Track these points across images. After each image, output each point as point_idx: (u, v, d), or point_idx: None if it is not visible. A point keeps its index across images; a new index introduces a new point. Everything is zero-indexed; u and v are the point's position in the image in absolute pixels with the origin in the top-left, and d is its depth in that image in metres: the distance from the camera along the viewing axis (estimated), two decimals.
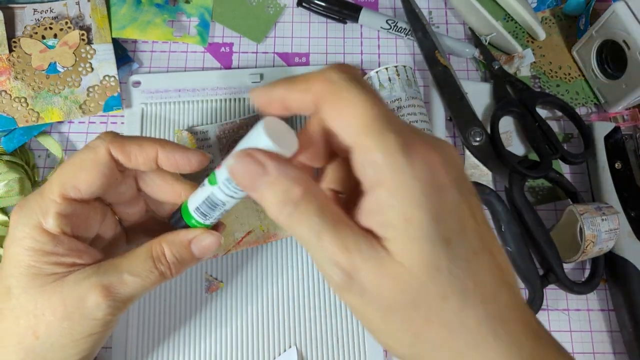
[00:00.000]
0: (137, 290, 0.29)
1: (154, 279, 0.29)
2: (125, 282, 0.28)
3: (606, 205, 0.40)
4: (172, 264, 0.29)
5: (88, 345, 0.29)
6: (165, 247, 0.29)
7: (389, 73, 0.42)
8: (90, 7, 0.46)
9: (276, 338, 0.39)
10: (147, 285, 0.29)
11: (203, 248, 0.30)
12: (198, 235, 0.30)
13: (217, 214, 0.28)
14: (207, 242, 0.30)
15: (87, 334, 0.28)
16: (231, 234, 0.40)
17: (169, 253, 0.29)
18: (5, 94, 0.43)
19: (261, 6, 0.50)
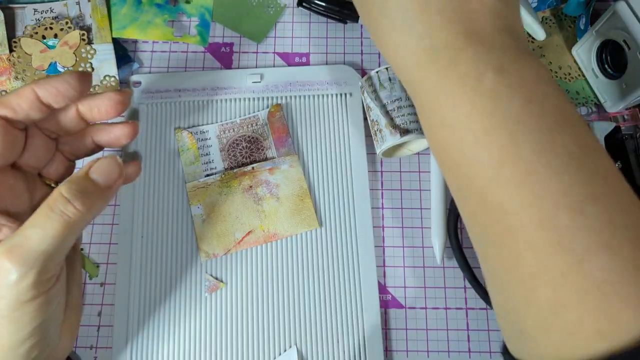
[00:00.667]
0: (46, 241, 0.27)
1: (56, 223, 0.27)
2: (27, 236, 0.26)
3: None
4: (72, 199, 0.27)
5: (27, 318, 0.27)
6: (61, 187, 0.28)
7: (389, 73, 0.42)
8: (90, 7, 0.46)
9: (276, 338, 0.39)
10: (53, 231, 0.27)
11: (102, 172, 0.29)
12: (95, 162, 0.29)
13: None
14: (104, 164, 0.29)
15: (17, 305, 0.26)
16: (231, 233, 0.40)
17: (65, 189, 0.28)
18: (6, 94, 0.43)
19: (261, 6, 0.50)
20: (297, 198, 0.41)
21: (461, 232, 0.43)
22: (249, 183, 0.40)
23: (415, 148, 0.44)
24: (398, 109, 0.41)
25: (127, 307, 0.40)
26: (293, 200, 0.41)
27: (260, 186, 0.41)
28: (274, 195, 0.41)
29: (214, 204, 0.40)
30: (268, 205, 0.40)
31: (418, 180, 0.45)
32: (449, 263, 0.43)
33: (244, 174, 0.41)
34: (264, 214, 0.40)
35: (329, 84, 0.46)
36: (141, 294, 0.40)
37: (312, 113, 0.45)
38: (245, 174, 0.41)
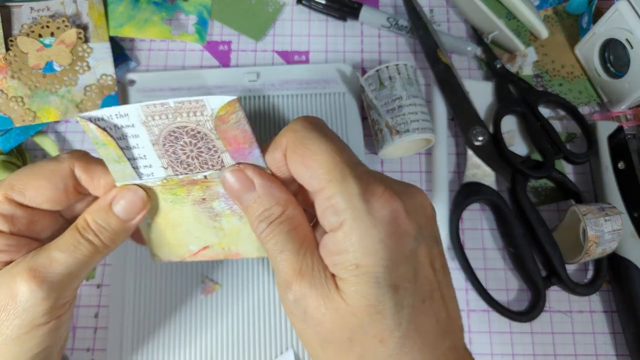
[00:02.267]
0: (70, 267, 0.27)
1: (84, 251, 0.27)
2: (54, 259, 0.26)
3: (609, 206, 0.39)
4: (98, 232, 0.27)
5: (37, 341, 0.27)
6: (87, 216, 0.28)
7: (389, 71, 0.41)
8: (87, 6, 0.46)
9: (273, 340, 0.39)
10: (80, 259, 0.27)
11: (125, 207, 0.28)
12: (116, 195, 0.28)
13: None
14: (126, 199, 0.28)
15: (29, 327, 0.26)
16: (185, 245, 0.33)
17: (91, 220, 0.28)
18: (2, 93, 0.43)
19: (260, 4, 0.49)
20: None
21: (463, 233, 0.43)
22: (200, 194, 0.29)
23: (416, 148, 0.44)
24: (399, 108, 0.41)
25: (122, 309, 0.39)
26: None
27: (217, 200, 0.30)
28: (236, 212, 0.30)
29: (158, 211, 0.31)
30: (228, 223, 0.30)
31: (419, 181, 0.44)
32: (451, 264, 0.42)
33: (194, 182, 0.29)
34: (222, 231, 0.31)
35: (326, 82, 0.45)
36: (136, 296, 0.40)
37: (309, 112, 0.45)
38: (194, 182, 0.29)
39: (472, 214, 0.43)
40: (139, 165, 0.29)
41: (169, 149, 0.28)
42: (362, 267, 0.22)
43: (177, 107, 0.27)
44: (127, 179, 0.29)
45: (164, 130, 0.28)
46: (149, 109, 0.27)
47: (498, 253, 0.42)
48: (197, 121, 0.27)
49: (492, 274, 0.42)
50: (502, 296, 0.41)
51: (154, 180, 0.29)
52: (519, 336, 0.40)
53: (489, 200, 0.42)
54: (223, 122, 0.27)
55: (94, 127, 0.27)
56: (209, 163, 0.28)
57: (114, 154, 0.28)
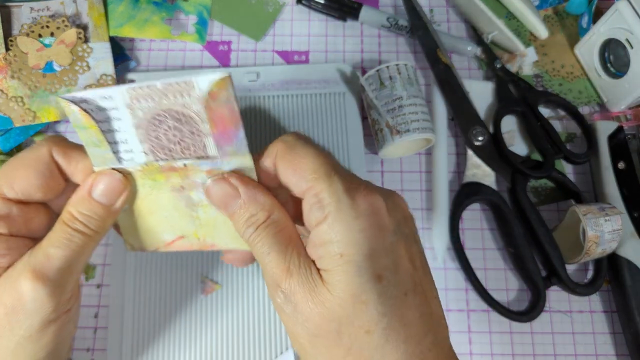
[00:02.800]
0: (67, 260, 0.27)
1: (77, 242, 0.27)
2: (51, 256, 0.26)
3: (609, 206, 0.39)
4: (86, 222, 0.27)
5: (48, 338, 0.27)
6: (71, 208, 0.28)
7: (389, 71, 0.41)
8: (87, 5, 0.46)
9: (273, 341, 0.39)
10: (75, 251, 0.27)
11: (104, 192, 0.28)
12: (93, 181, 0.28)
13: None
14: (104, 183, 0.28)
15: (41, 326, 0.27)
16: (159, 233, 0.32)
17: (75, 211, 0.28)
18: (2, 93, 0.43)
19: (260, 4, 0.49)
20: None
21: (463, 233, 0.43)
22: (179, 182, 0.29)
23: (416, 148, 0.44)
24: (399, 108, 0.41)
25: (122, 309, 0.39)
26: None
27: (195, 190, 0.29)
28: None
29: (135, 197, 0.30)
30: (205, 213, 0.30)
31: (419, 181, 0.44)
32: (451, 264, 0.42)
33: (173, 169, 0.28)
34: (199, 221, 0.30)
35: (326, 82, 0.45)
36: (136, 296, 0.40)
37: (309, 112, 0.45)
38: (174, 169, 0.28)
39: (472, 214, 0.43)
40: (120, 149, 0.28)
41: (152, 133, 0.28)
42: (345, 256, 0.24)
43: (164, 89, 0.26)
44: (107, 164, 0.28)
45: (148, 113, 0.27)
46: (135, 92, 0.26)
47: (498, 253, 0.42)
48: (183, 103, 0.26)
49: (492, 274, 0.42)
50: (502, 296, 0.41)
51: (133, 164, 0.29)
52: (519, 336, 0.40)
53: (489, 200, 0.42)
54: (213, 99, 0.26)
55: (77, 108, 0.27)
56: (191, 148, 0.28)
57: (95, 137, 0.27)
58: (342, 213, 0.24)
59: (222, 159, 0.28)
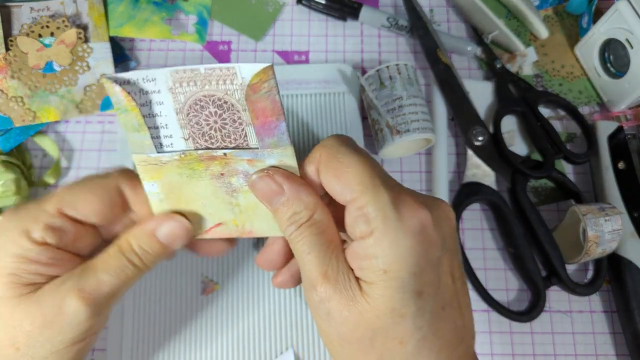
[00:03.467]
0: (115, 289, 0.28)
1: (129, 274, 0.28)
2: (102, 281, 0.27)
3: (609, 206, 0.39)
4: (142, 256, 0.29)
5: (72, 355, 0.28)
6: (132, 240, 0.29)
7: (390, 71, 0.41)
8: (87, 6, 0.46)
9: (273, 340, 0.39)
10: (124, 281, 0.28)
11: (168, 235, 0.29)
12: (159, 222, 0.29)
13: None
14: (169, 227, 0.29)
15: (70, 343, 0.27)
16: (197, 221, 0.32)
17: (135, 244, 0.29)
18: (2, 93, 0.43)
19: (260, 4, 0.49)
20: None
21: (463, 233, 0.43)
22: (219, 170, 0.29)
23: (416, 148, 0.44)
24: (399, 108, 0.41)
25: (122, 309, 0.39)
26: None
27: (236, 176, 0.29)
28: None
29: (173, 186, 0.30)
30: (245, 199, 0.30)
31: (419, 180, 0.44)
32: None
33: (212, 158, 0.28)
34: (238, 208, 0.30)
35: (326, 82, 0.45)
36: (136, 296, 0.40)
37: (309, 112, 0.45)
38: (213, 158, 0.28)
39: (472, 214, 0.43)
40: (160, 134, 0.28)
41: (193, 118, 0.27)
42: (390, 273, 0.24)
43: (207, 74, 0.26)
44: (145, 151, 0.28)
45: (190, 98, 0.27)
46: (178, 75, 0.26)
47: (498, 253, 0.42)
48: (225, 90, 0.26)
49: (492, 274, 0.42)
50: (502, 296, 0.41)
51: (171, 154, 0.28)
52: (519, 336, 0.40)
53: (489, 200, 0.42)
54: (254, 92, 0.26)
55: (119, 89, 0.26)
56: (232, 136, 0.28)
57: (135, 121, 0.27)
58: (389, 229, 0.24)
59: (262, 151, 0.28)
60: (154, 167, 0.29)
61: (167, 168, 0.29)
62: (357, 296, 0.24)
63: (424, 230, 0.24)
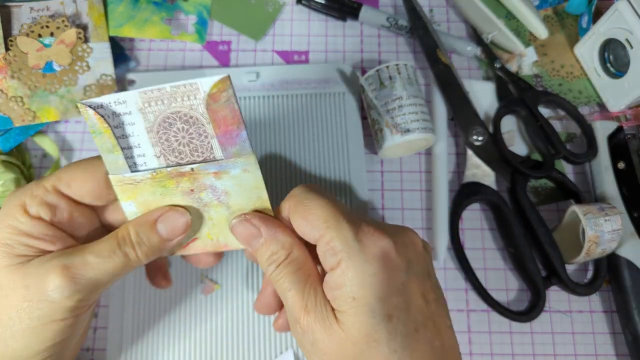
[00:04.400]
0: (101, 273, 0.28)
1: (118, 261, 0.28)
2: (87, 262, 0.27)
3: (609, 206, 0.39)
4: (137, 245, 0.29)
5: (50, 335, 0.28)
6: (130, 228, 0.29)
7: (389, 71, 0.41)
8: (87, 6, 0.46)
9: (273, 340, 0.39)
10: (111, 267, 0.28)
11: (169, 227, 0.30)
12: (164, 213, 0.30)
13: None
14: (171, 218, 0.30)
15: (48, 320, 0.27)
16: None
17: (133, 233, 0.29)
18: (2, 93, 0.43)
19: (260, 4, 0.49)
20: (254, 210, 0.31)
21: (462, 233, 0.43)
22: (188, 186, 0.30)
23: (416, 147, 0.44)
24: (399, 108, 0.41)
25: (122, 308, 0.39)
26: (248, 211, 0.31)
27: (205, 191, 0.30)
28: (223, 203, 0.30)
29: (149, 204, 0.30)
30: (216, 213, 0.31)
31: (419, 181, 0.44)
32: (450, 264, 0.42)
33: (182, 174, 0.29)
34: (211, 221, 0.31)
35: (326, 82, 0.45)
36: (136, 296, 0.40)
37: (309, 112, 0.45)
38: (182, 175, 0.29)
39: (472, 214, 0.43)
40: (134, 154, 0.29)
41: (162, 136, 0.29)
42: (358, 299, 0.26)
43: (173, 92, 0.27)
44: (120, 171, 0.29)
45: (159, 116, 0.28)
46: (146, 95, 0.28)
47: (498, 253, 0.42)
48: (190, 105, 0.28)
49: (492, 274, 0.42)
50: (502, 296, 0.41)
51: (143, 173, 0.29)
52: (518, 336, 0.40)
53: (489, 200, 0.42)
54: (214, 101, 0.27)
55: (92, 113, 0.28)
56: (199, 150, 0.29)
57: (109, 142, 0.28)
58: (353, 258, 0.26)
59: (226, 161, 0.29)
60: (129, 187, 0.30)
61: (141, 187, 0.30)
62: (333, 325, 0.26)
63: (386, 256, 0.26)
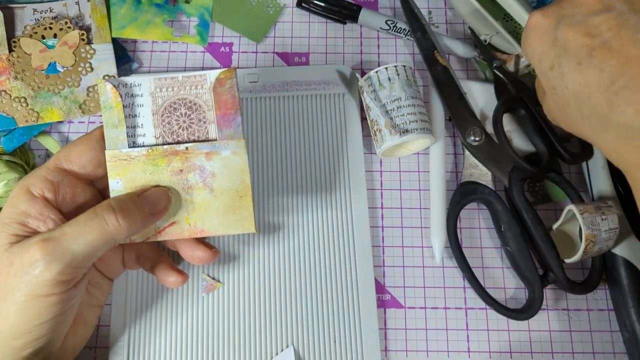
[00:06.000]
0: (81, 244, 0.28)
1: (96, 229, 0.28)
2: (65, 233, 0.28)
3: (606, 205, 0.40)
4: (117, 211, 0.29)
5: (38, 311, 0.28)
6: (111, 199, 0.30)
7: (388, 73, 0.42)
8: (90, 7, 0.46)
9: (273, 338, 0.39)
10: (90, 237, 0.28)
11: (152, 199, 0.31)
12: (148, 190, 0.32)
13: None
14: (157, 193, 0.31)
15: (31, 296, 0.27)
16: None
17: (114, 201, 0.30)
18: (5, 94, 0.43)
19: (261, 6, 0.50)
20: (236, 194, 0.33)
21: (460, 232, 0.43)
22: (179, 166, 0.33)
23: (414, 148, 0.44)
24: (397, 109, 0.41)
25: (124, 307, 0.40)
26: (230, 195, 0.33)
27: (193, 172, 0.33)
28: (208, 185, 0.33)
29: (135, 183, 0.32)
30: (199, 196, 0.33)
31: (417, 180, 0.45)
32: (449, 263, 0.42)
33: (175, 153, 0.32)
34: (192, 205, 0.33)
35: (326, 83, 0.46)
36: (138, 294, 0.40)
37: (309, 113, 0.45)
38: (176, 153, 0.32)
39: (470, 213, 0.44)
40: (135, 133, 0.33)
41: (166, 119, 0.33)
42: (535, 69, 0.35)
43: (184, 81, 0.33)
44: (118, 145, 0.32)
45: (166, 101, 0.33)
46: (160, 82, 0.33)
47: (496, 252, 0.43)
48: (196, 94, 0.33)
49: (490, 273, 0.42)
50: (500, 294, 0.42)
51: (139, 150, 0.32)
52: (516, 334, 0.41)
53: (486, 199, 0.42)
54: (220, 85, 0.33)
55: (110, 87, 0.32)
56: (196, 134, 0.33)
57: (116, 117, 0.32)
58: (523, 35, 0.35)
59: (220, 142, 0.33)
60: (122, 163, 0.32)
61: (133, 164, 0.32)
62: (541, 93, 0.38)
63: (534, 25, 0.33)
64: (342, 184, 0.43)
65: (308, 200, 0.43)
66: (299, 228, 0.42)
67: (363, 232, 0.42)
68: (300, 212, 0.42)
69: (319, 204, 0.42)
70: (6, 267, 0.28)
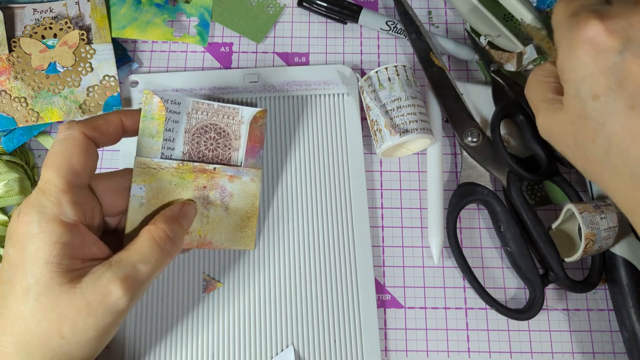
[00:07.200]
0: (151, 276, 0.30)
1: (160, 260, 0.31)
2: (140, 271, 0.30)
3: (605, 204, 0.40)
4: (172, 242, 0.32)
5: (107, 336, 0.30)
6: (165, 227, 0.32)
7: (388, 73, 0.42)
8: (90, 7, 0.46)
9: (273, 338, 0.39)
10: (157, 267, 0.31)
11: (189, 220, 0.34)
12: (183, 208, 0.34)
13: None
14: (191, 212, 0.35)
15: (113, 327, 0.30)
16: None
17: (169, 231, 0.32)
18: (5, 94, 0.43)
19: (261, 6, 0.50)
20: (245, 214, 0.38)
21: (460, 232, 0.43)
22: (203, 182, 0.36)
23: (414, 148, 0.44)
24: (397, 109, 0.41)
25: None
26: (240, 215, 0.38)
27: (215, 190, 0.36)
28: (225, 204, 0.37)
29: (160, 192, 0.34)
30: (215, 212, 0.37)
31: (417, 180, 0.45)
32: (449, 263, 0.42)
33: (203, 171, 0.36)
34: (206, 219, 0.36)
35: (326, 83, 0.46)
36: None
37: (309, 113, 0.45)
38: (204, 171, 0.36)
39: (470, 214, 0.44)
40: (166, 146, 0.35)
41: (196, 138, 0.36)
42: (567, 82, 0.29)
43: (218, 109, 0.37)
44: (150, 154, 0.34)
45: (199, 122, 0.36)
46: (197, 105, 0.36)
47: (495, 252, 0.43)
48: (227, 123, 0.37)
49: (490, 273, 0.42)
50: (500, 295, 0.42)
51: (170, 162, 0.35)
52: (516, 334, 0.41)
53: (485, 200, 0.42)
54: (256, 122, 0.38)
55: (157, 100, 0.34)
56: (219, 157, 0.37)
57: (155, 128, 0.34)
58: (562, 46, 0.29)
59: (243, 168, 0.37)
60: (150, 171, 0.34)
61: (162, 174, 0.34)
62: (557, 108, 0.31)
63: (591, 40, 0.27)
64: (342, 184, 0.43)
65: (308, 201, 0.43)
66: (299, 228, 0.42)
67: (363, 232, 0.42)
68: (300, 212, 0.42)
69: (318, 204, 0.43)
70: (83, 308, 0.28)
